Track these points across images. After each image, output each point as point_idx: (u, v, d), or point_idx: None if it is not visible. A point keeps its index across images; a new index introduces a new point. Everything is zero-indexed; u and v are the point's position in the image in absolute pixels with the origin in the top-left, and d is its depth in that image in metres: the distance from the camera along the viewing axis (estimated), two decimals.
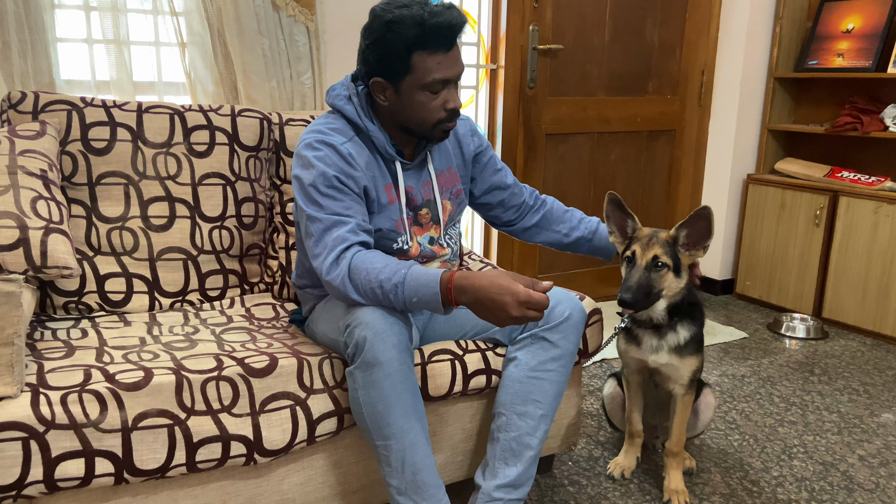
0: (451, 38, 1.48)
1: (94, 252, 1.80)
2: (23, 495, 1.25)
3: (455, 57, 1.51)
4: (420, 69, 1.48)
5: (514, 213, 1.87)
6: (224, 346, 1.56)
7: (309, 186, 1.49)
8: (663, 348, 1.77)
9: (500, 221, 1.89)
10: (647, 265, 1.65)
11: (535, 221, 1.87)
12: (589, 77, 3.19)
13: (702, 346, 1.80)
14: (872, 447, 2.17)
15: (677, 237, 1.67)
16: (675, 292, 1.70)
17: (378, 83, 1.53)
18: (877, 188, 3.04)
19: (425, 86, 1.50)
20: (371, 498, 1.66)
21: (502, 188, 1.83)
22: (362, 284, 1.43)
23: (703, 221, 1.63)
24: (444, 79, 1.50)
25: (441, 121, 1.55)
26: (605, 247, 1.83)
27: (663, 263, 1.65)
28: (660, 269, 1.65)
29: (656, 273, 1.65)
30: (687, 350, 1.76)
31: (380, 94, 1.55)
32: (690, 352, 1.77)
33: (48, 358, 1.45)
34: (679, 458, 1.88)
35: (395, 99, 1.54)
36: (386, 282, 1.40)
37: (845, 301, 3.16)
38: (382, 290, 1.41)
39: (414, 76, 1.49)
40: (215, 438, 1.38)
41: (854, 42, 3.21)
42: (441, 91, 1.52)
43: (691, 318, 1.77)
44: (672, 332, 1.76)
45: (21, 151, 1.59)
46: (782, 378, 2.67)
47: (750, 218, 3.52)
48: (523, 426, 1.59)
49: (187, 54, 2.23)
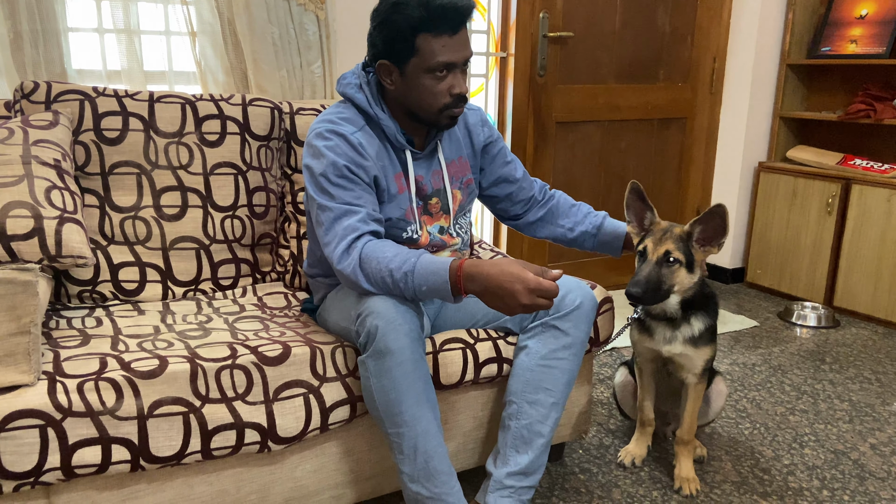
0: (456, 21, 1.47)
1: (108, 241, 1.82)
2: (41, 482, 1.27)
3: (461, 41, 1.50)
4: (425, 51, 1.48)
5: (522, 207, 1.86)
6: (237, 335, 1.57)
7: (319, 176, 1.50)
8: (677, 339, 1.77)
9: (508, 215, 1.89)
10: (659, 260, 1.64)
11: (540, 216, 1.86)
12: (599, 65, 3.17)
13: (715, 335, 1.80)
14: (884, 436, 2.16)
15: (691, 233, 1.66)
16: (688, 287, 1.69)
17: (384, 66, 1.53)
18: (890, 176, 3.02)
19: (430, 69, 1.49)
20: (384, 485, 1.67)
21: (510, 181, 1.83)
22: (373, 273, 1.43)
23: (718, 219, 1.61)
24: (448, 62, 1.49)
25: (447, 106, 1.54)
26: (611, 242, 1.81)
27: (675, 259, 1.64)
28: (671, 264, 1.64)
29: (667, 268, 1.64)
30: (701, 340, 1.76)
31: (386, 77, 1.54)
32: (705, 342, 1.77)
33: (64, 346, 1.46)
34: (690, 447, 1.88)
35: (400, 82, 1.53)
36: (396, 270, 1.41)
37: (857, 289, 3.15)
38: (393, 278, 1.41)
39: (419, 59, 1.49)
40: (230, 426, 1.39)
41: (868, 28, 3.18)
42: (447, 75, 1.51)
43: (706, 310, 1.77)
44: (686, 325, 1.75)
45: (35, 141, 1.60)
46: (793, 366, 2.66)
47: (761, 206, 3.50)
48: (534, 414, 1.60)
49: (197, 43, 2.23)
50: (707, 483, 1.90)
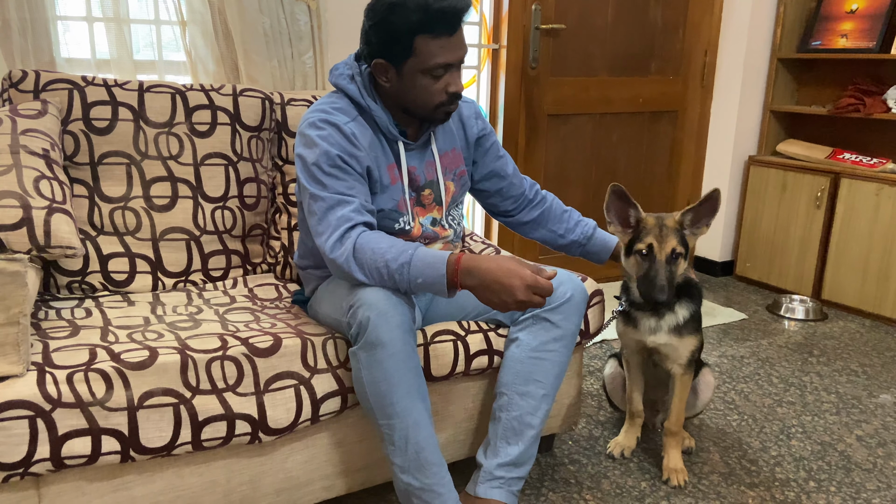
0: (454, 23, 1.47)
1: (97, 232, 1.81)
2: (30, 473, 1.26)
3: (458, 41, 1.50)
4: (423, 53, 1.47)
5: (512, 203, 1.87)
6: (228, 326, 1.57)
7: (312, 165, 1.49)
8: (662, 329, 1.78)
9: (498, 210, 1.89)
10: (668, 258, 1.67)
11: (533, 217, 1.88)
12: (591, 57, 3.17)
13: (700, 325, 1.82)
14: (870, 427, 2.19)
15: (683, 221, 1.69)
16: (682, 274, 1.73)
17: (380, 65, 1.52)
18: (878, 170, 3.04)
19: (427, 70, 1.49)
20: (374, 476, 1.68)
21: (502, 176, 1.83)
22: (367, 264, 1.43)
23: (713, 202, 1.68)
24: (446, 63, 1.49)
25: (442, 104, 1.54)
26: (598, 252, 1.87)
27: (679, 253, 1.68)
28: (676, 258, 1.68)
29: (675, 264, 1.68)
30: (686, 330, 1.78)
31: (381, 75, 1.54)
32: (689, 331, 1.78)
33: (53, 337, 1.46)
34: (678, 438, 1.89)
35: (396, 81, 1.53)
36: (392, 262, 1.41)
37: (845, 283, 3.17)
38: (388, 269, 1.41)
39: (416, 59, 1.48)
40: (220, 417, 1.39)
41: (858, 23, 3.19)
42: (443, 75, 1.51)
43: (689, 298, 1.78)
44: (670, 313, 1.77)
45: (23, 131, 1.58)
46: (781, 359, 2.68)
47: (751, 199, 3.52)
48: (525, 406, 1.60)
49: (188, 33, 2.21)
50: (695, 474, 1.92)
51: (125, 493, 1.38)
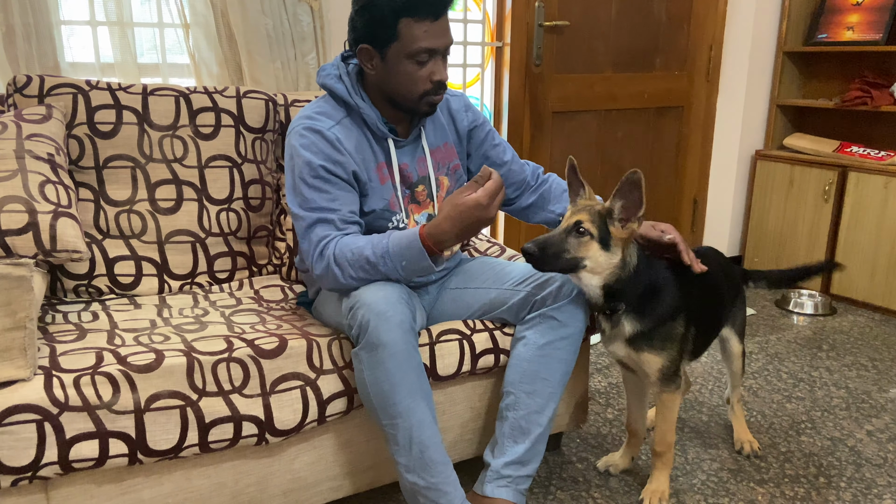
0: (438, 7, 1.48)
1: (103, 235, 1.81)
2: (38, 476, 1.27)
3: (443, 27, 1.51)
4: (406, 36, 1.48)
5: (514, 191, 1.85)
6: (234, 328, 1.57)
7: (297, 178, 1.52)
8: (617, 338, 1.63)
9: None
10: (568, 228, 1.51)
11: (532, 201, 1.86)
12: (596, 54, 3.16)
13: (669, 342, 1.61)
14: (881, 422, 2.17)
15: (612, 209, 1.52)
16: (606, 269, 1.53)
17: (365, 50, 1.53)
18: (886, 163, 3.02)
19: (412, 54, 1.49)
20: (381, 476, 1.68)
21: (498, 164, 1.81)
22: (350, 265, 1.45)
23: (637, 191, 1.48)
24: (430, 48, 1.50)
25: (427, 93, 1.55)
26: None
27: (585, 230, 1.50)
28: (581, 234, 1.50)
29: (576, 238, 1.50)
30: (644, 344, 1.61)
31: (367, 62, 1.54)
32: (649, 347, 1.60)
33: (60, 341, 1.46)
34: (665, 458, 1.75)
35: (381, 67, 1.54)
36: (371, 255, 1.44)
37: (854, 277, 3.15)
38: (371, 263, 1.44)
39: (400, 43, 1.49)
40: (227, 419, 1.39)
41: (864, 15, 3.16)
42: (427, 62, 1.52)
43: (646, 309, 1.59)
44: (620, 324, 1.61)
45: (28, 135, 1.59)
46: (790, 354, 2.67)
47: (758, 194, 3.50)
48: (532, 404, 1.60)
49: (191, 35, 2.22)
50: (704, 470, 1.91)
51: (133, 496, 1.39)
